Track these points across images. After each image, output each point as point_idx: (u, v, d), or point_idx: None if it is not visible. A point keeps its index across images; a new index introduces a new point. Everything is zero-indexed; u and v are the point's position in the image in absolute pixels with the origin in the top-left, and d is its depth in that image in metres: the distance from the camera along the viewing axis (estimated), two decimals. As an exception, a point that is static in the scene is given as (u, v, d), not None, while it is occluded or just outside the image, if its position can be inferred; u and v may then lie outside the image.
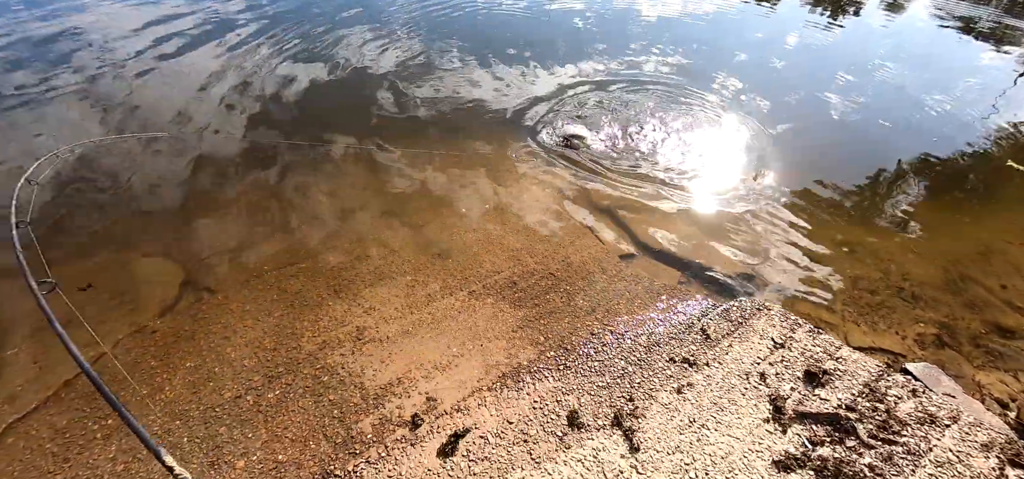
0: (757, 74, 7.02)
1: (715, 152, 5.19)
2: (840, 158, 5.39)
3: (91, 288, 3.54)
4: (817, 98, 6.51)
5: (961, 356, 3.47)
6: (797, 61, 7.62)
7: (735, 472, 2.49)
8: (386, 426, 2.73)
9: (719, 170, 4.94)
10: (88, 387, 2.90)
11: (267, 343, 3.16)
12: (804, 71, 7.28)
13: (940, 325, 3.66)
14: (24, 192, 2.87)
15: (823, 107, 6.31)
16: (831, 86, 6.81)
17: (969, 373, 3.34)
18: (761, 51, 7.84)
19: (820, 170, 5.08)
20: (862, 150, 5.57)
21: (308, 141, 5.00)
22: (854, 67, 7.45)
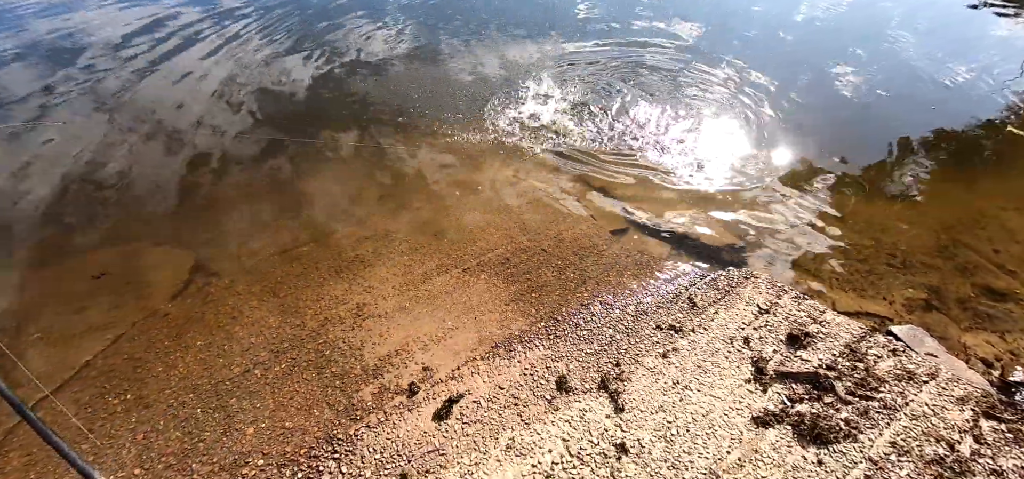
0: (762, 48, 7.01)
1: (712, 130, 5.27)
2: (842, 132, 5.41)
3: (105, 276, 3.76)
4: (823, 72, 6.49)
5: (948, 319, 3.56)
6: (805, 35, 7.54)
7: (715, 428, 2.64)
8: (385, 394, 2.91)
9: (714, 146, 5.02)
10: (108, 364, 3.12)
11: (272, 322, 3.36)
12: (812, 45, 7.23)
13: (929, 290, 3.74)
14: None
15: (828, 81, 6.30)
16: (839, 60, 6.76)
17: (955, 335, 3.44)
18: (768, 24, 7.80)
19: (821, 144, 5.13)
20: (865, 124, 5.58)
21: (306, 135, 5.18)
22: (865, 40, 7.34)
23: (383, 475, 2.53)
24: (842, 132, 5.39)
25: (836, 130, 5.42)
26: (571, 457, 2.54)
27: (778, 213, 4.25)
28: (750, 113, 5.54)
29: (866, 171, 4.84)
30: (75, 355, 3.20)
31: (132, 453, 2.70)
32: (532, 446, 2.60)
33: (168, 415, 2.86)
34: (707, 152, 4.91)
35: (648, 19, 7.84)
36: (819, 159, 4.93)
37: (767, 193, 4.46)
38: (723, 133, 5.18)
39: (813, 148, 5.06)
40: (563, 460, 2.53)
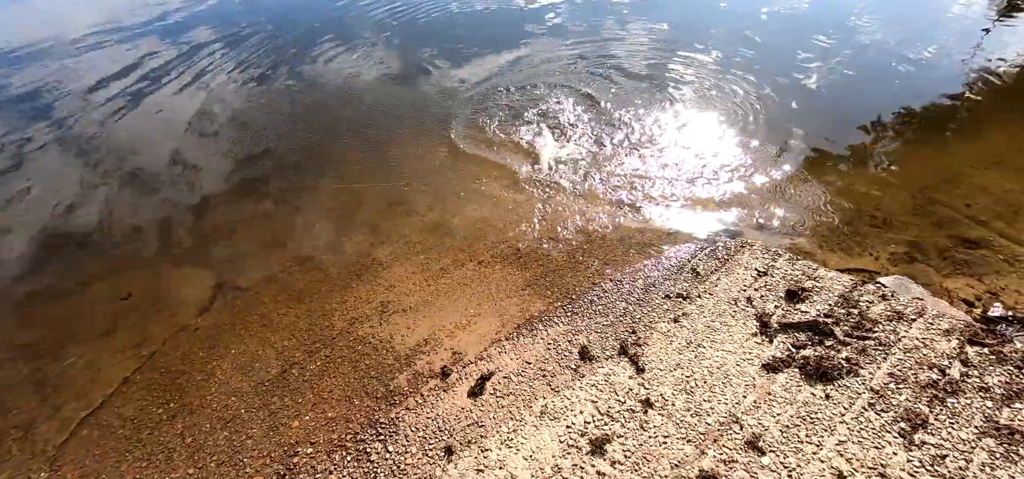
0: (733, 44, 7.41)
1: (693, 121, 5.59)
2: (817, 114, 5.75)
3: (131, 297, 3.91)
4: (795, 62, 6.84)
5: (930, 268, 3.87)
6: (775, 28, 7.93)
7: (730, 377, 2.89)
8: (419, 379, 3.11)
9: (698, 135, 5.34)
10: (146, 379, 3.27)
11: (301, 325, 3.54)
12: (783, 37, 7.60)
13: (909, 244, 4.06)
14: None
15: (802, 69, 6.65)
16: (807, 49, 7.14)
17: (937, 281, 3.75)
18: (735, 21, 8.22)
19: (799, 126, 5.46)
20: (837, 105, 5.93)
21: (312, 158, 5.39)
22: (832, 29, 7.69)
23: (428, 450, 2.72)
24: (816, 114, 5.75)
25: (810, 112, 5.77)
26: (602, 415, 2.77)
27: (768, 189, 4.55)
28: (744, 105, 5.89)
29: (841, 146, 5.19)
30: (113, 373, 3.34)
31: (182, 456, 2.85)
32: (564, 410, 2.82)
33: (213, 418, 3.02)
34: (698, 142, 5.22)
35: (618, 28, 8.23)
36: (796, 139, 5.27)
37: (753, 173, 4.77)
38: (716, 126, 5.50)
39: (790, 130, 5.40)
40: (595, 419, 2.75)
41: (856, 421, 2.61)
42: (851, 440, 2.53)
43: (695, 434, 2.63)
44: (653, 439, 2.62)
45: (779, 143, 5.14)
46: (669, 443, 2.60)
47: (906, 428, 2.56)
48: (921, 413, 2.62)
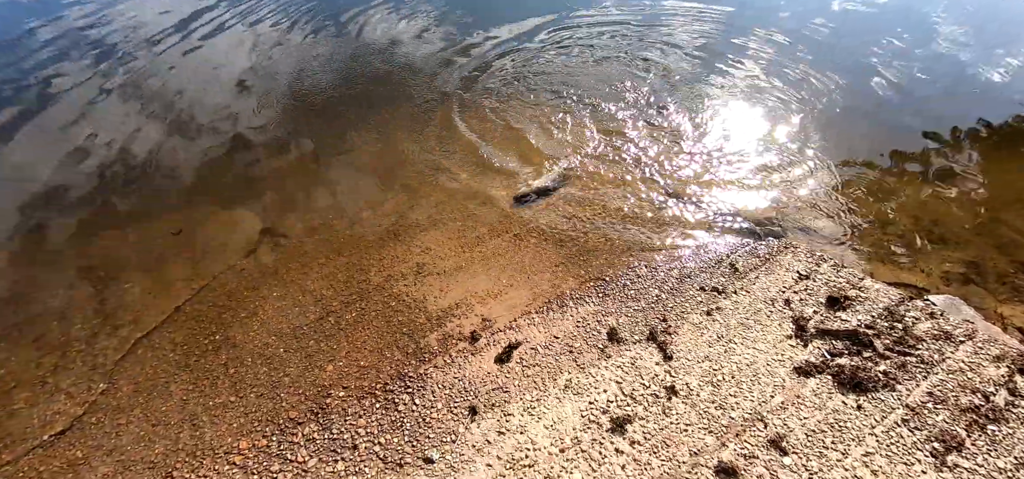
0: (797, 38, 7.09)
1: (746, 116, 5.44)
2: (884, 119, 5.43)
3: (181, 233, 4.17)
4: (866, 61, 6.46)
5: (986, 291, 3.72)
6: (844, 24, 7.51)
7: (759, 376, 2.89)
8: (449, 340, 3.24)
9: (750, 129, 5.20)
10: (194, 310, 3.52)
11: (340, 276, 3.71)
12: (851, 34, 7.19)
13: (967, 264, 3.90)
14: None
15: (872, 69, 6.24)
16: (882, 49, 6.71)
17: (992, 306, 3.60)
18: (802, 13, 7.82)
19: (860, 128, 5.18)
20: (904, 109, 5.59)
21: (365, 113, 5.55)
22: (909, 29, 7.18)
23: (453, 407, 2.85)
24: (881, 117, 5.48)
25: (874, 115, 5.52)
26: (625, 396, 2.83)
27: (821, 194, 4.42)
28: (804, 105, 5.69)
29: (904, 153, 4.95)
30: (166, 302, 3.60)
31: (225, 383, 3.08)
32: (588, 386, 2.89)
33: (254, 354, 3.24)
34: (751, 140, 5.09)
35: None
36: (854, 141, 5.05)
37: (811, 177, 4.63)
38: (771, 125, 5.32)
39: (849, 132, 5.19)
40: (617, 399, 2.82)
41: (887, 435, 2.59)
42: (879, 452, 2.52)
43: (718, 426, 2.66)
44: (674, 425, 2.67)
45: (835, 145, 4.96)
46: (690, 431, 2.64)
47: (939, 449, 2.53)
48: (958, 436, 2.57)
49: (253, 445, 2.75)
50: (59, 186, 4.67)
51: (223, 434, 2.82)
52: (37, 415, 2.99)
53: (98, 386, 3.12)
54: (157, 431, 2.87)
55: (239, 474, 2.63)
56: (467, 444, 2.67)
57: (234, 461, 2.69)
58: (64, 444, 2.85)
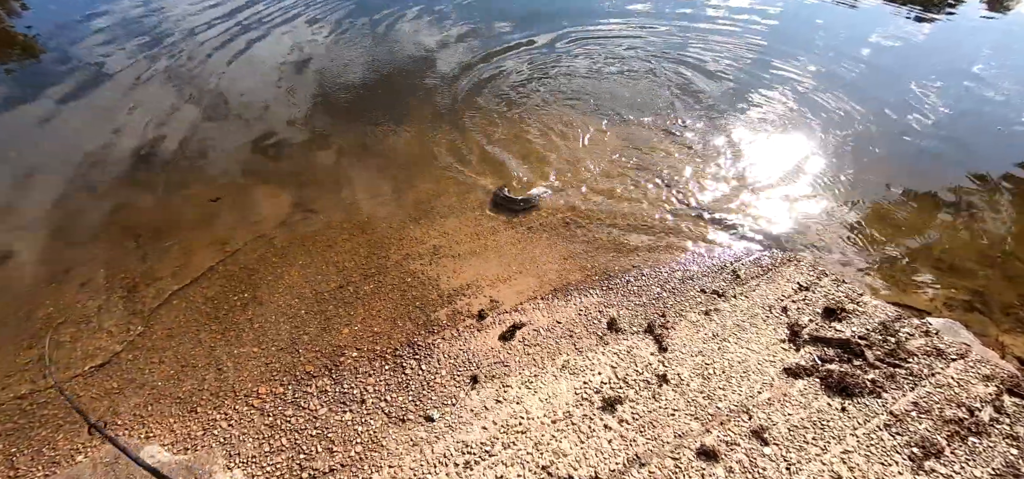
0: (827, 76, 7.16)
1: (771, 134, 5.58)
2: (910, 151, 5.36)
3: (219, 200, 4.52)
4: (898, 96, 6.38)
5: (989, 320, 3.78)
6: (878, 62, 7.43)
7: (749, 373, 3.05)
8: (457, 317, 3.47)
9: (772, 147, 5.33)
10: (226, 270, 3.83)
11: (361, 252, 3.99)
12: (885, 73, 7.09)
13: (972, 293, 3.97)
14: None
15: (902, 113, 6.10)
16: (915, 91, 6.59)
17: (993, 334, 3.67)
18: (835, 50, 7.80)
19: (885, 173, 5.00)
20: (939, 148, 5.39)
21: (394, 105, 5.88)
22: (946, 70, 7.09)
23: (456, 375, 3.07)
24: (909, 150, 5.49)
25: (903, 147, 5.53)
26: (618, 380, 3.01)
27: (832, 217, 4.52)
28: (811, 124, 5.81)
29: (925, 186, 4.97)
30: (201, 261, 3.93)
31: (250, 336, 3.36)
32: (584, 368, 3.09)
33: (277, 313, 3.52)
34: (762, 156, 5.24)
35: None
36: (889, 186, 4.93)
37: (817, 194, 4.75)
38: (795, 159, 5.43)
39: (885, 177, 5.14)
40: (611, 382, 3.00)
41: (867, 437, 2.71)
42: (858, 452, 2.64)
43: (704, 414, 2.82)
44: (662, 410, 2.84)
45: (852, 169, 5.06)
46: (677, 416, 2.81)
47: (918, 454, 2.64)
48: (937, 444, 2.68)
49: (271, 391, 3.02)
50: (111, 155, 5.09)
51: (244, 379, 3.10)
52: (81, 348, 3.32)
53: (136, 329, 3.44)
54: (185, 372, 3.16)
55: (256, 415, 2.89)
56: (466, 408, 2.89)
57: (253, 404, 2.95)
58: (103, 375, 3.16)
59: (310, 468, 2.62)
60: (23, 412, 2.97)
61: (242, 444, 2.75)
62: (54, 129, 5.48)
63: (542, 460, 2.61)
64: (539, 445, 2.68)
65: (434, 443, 2.71)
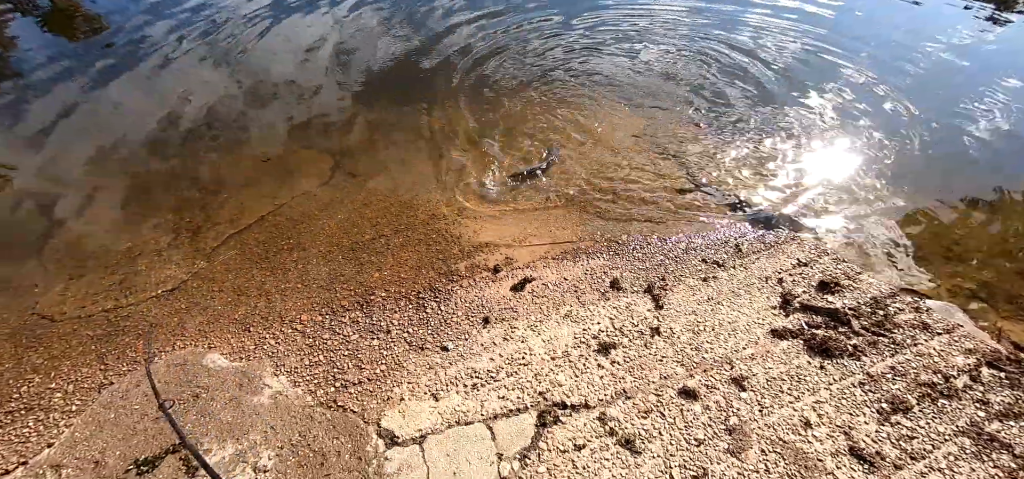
0: (878, 70, 7.18)
1: (798, 141, 5.76)
2: (945, 164, 5.34)
3: (269, 161, 5.11)
4: (948, 103, 6.29)
5: (992, 309, 3.92)
6: (940, 61, 7.28)
7: (737, 332, 3.37)
8: (475, 269, 3.92)
9: (799, 150, 5.53)
10: (275, 220, 4.40)
11: (393, 210, 4.49)
12: (945, 73, 6.98)
13: (979, 283, 4.10)
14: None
15: (952, 115, 6.02)
16: (975, 93, 6.38)
17: (992, 319, 3.82)
18: (897, 48, 7.66)
19: (914, 168, 5.14)
20: (974, 164, 5.35)
21: (430, 83, 6.38)
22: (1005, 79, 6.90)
23: (470, 316, 3.52)
24: (942, 149, 5.53)
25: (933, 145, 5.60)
26: (615, 329, 3.39)
27: (843, 200, 4.71)
28: (851, 121, 5.95)
29: (950, 186, 5.06)
30: (254, 211, 4.52)
31: (294, 274, 3.91)
32: (585, 318, 3.48)
33: (318, 257, 4.06)
34: (789, 147, 5.44)
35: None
36: (900, 167, 5.18)
37: (840, 185, 4.92)
38: (815, 134, 5.63)
39: (899, 158, 5.34)
40: (607, 330, 3.38)
41: (840, 391, 3.00)
42: (829, 403, 2.94)
43: (689, 362, 3.17)
44: (651, 356, 3.21)
45: (880, 164, 5.20)
46: (664, 362, 3.17)
47: (886, 408, 2.92)
48: (907, 401, 2.95)
49: (311, 319, 3.55)
50: (177, 122, 5.78)
51: (289, 308, 3.64)
52: (153, 276, 3.95)
53: (199, 263, 4.05)
54: (240, 299, 3.73)
55: (298, 336, 3.43)
56: (477, 342, 3.33)
57: (296, 327, 3.49)
58: (172, 298, 3.77)
59: (342, 379, 3.13)
60: (109, 322, 3.60)
61: (287, 358, 3.28)
62: (129, 98, 6.23)
63: (540, 387, 3.03)
64: (538, 376, 3.10)
65: (447, 368, 3.17)
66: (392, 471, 2.64)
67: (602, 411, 2.90)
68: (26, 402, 3.10)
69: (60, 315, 3.65)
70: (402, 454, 2.72)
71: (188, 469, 2.69)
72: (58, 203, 4.63)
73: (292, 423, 2.89)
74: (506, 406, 2.93)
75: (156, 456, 2.75)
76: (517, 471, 2.63)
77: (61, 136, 5.50)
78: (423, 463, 2.66)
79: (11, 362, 3.34)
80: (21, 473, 2.71)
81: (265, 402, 3.00)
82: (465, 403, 2.96)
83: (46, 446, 2.84)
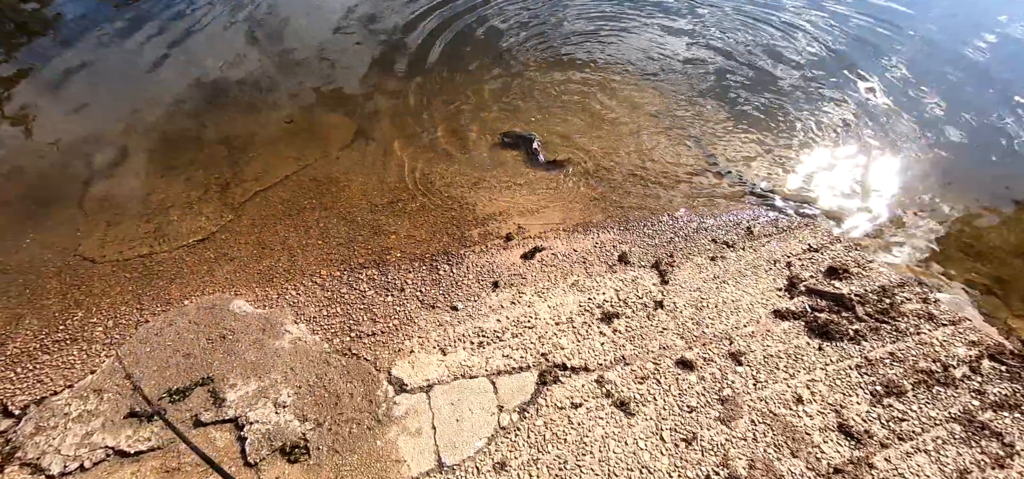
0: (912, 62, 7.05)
1: (820, 129, 5.75)
2: (969, 163, 5.34)
3: (293, 122, 5.36)
4: (994, 102, 6.31)
5: (1004, 305, 3.95)
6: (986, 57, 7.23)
7: (739, 310, 3.50)
8: (488, 237, 4.12)
9: (820, 138, 5.53)
10: (299, 179, 4.66)
11: (412, 176, 4.70)
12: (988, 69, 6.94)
13: (994, 279, 4.13)
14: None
15: (989, 114, 6.12)
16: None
17: (1003, 317, 3.86)
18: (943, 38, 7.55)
19: (938, 164, 5.14)
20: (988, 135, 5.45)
21: (451, 55, 6.53)
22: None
23: (480, 280, 3.73)
24: (973, 150, 5.48)
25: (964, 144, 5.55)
26: (619, 300, 3.56)
27: (865, 191, 4.74)
28: (880, 112, 5.90)
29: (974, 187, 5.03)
30: (279, 170, 4.78)
31: (315, 232, 4.17)
32: (591, 288, 3.66)
33: (339, 217, 4.31)
34: (811, 135, 5.45)
35: None
36: (925, 163, 5.14)
37: (861, 175, 4.94)
38: (838, 123, 5.62)
39: (924, 151, 5.30)
40: (612, 300, 3.56)
41: (836, 372, 3.13)
42: (823, 382, 3.08)
43: (689, 335, 3.33)
44: (653, 327, 3.38)
45: (905, 158, 5.19)
46: (665, 334, 3.34)
47: (879, 391, 3.04)
48: (902, 386, 3.06)
49: (330, 274, 3.81)
50: (206, 83, 6.07)
51: (310, 263, 3.91)
52: (185, 227, 4.26)
53: (227, 216, 4.34)
54: (264, 252, 4.01)
55: (317, 289, 3.69)
56: (486, 304, 3.55)
57: (315, 281, 3.76)
58: (202, 248, 4.07)
59: (357, 330, 3.39)
60: (145, 267, 3.93)
61: (306, 308, 3.56)
62: (162, 61, 6.54)
63: (542, 349, 3.24)
64: (542, 338, 3.30)
65: (456, 326, 3.40)
66: (400, 414, 2.89)
67: (600, 375, 3.09)
68: (71, 334, 3.44)
69: (100, 258, 3.99)
70: (410, 400, 2.97)
71: (215, 400, 2.98)
72: (96, 156, 4.97)
73: (310, 366, 3.16)
74: (509, 364, 3.15)
75: (186, 387, 3.05)
76: (516, 422, 2.85)
77: (97, 93, 5.85)
78: (429, 409, 2.91)
79: (57, 297, 3.69)
80: (68, 395, 3.05)
81: (286, 346, 3.27)
82: (471, 358, 3.18)
83: (90, 373, 3.17)
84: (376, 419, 2.88)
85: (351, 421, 2.86)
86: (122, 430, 2.84)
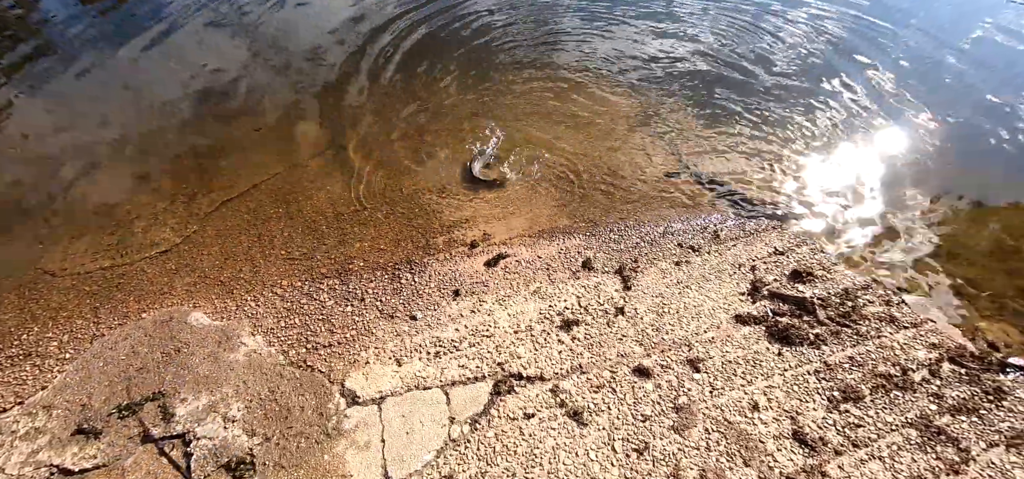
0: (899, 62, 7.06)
1: (799, 131, 5.73)
2: (954, 166, 5.34)
3: (261, 131, 5.34)
4: (976, 103, 6.34)
5: (973, 306, 3.94)
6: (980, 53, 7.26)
7: (701, 316, 3.48)
8: (452, 245, 4.09)
9: (798, 140, 5.51)
10: (268, 188, 4.63)
11: (379, 185, 4.67)
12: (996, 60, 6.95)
13: (964, 279, 4.11)
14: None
15: (984, 115, 6.12)
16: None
17: (971, 318, 3.84)
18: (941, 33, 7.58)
19: (916, 168, 5.16)
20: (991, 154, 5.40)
21: (430, 61, 6.51)
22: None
23: (441, 288, 3.70)
24: (957, 152, 5.47)
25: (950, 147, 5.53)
26: (580, 307, 3.53)
27: (836, 195, 4.72)
28: (863, 114, 5.89)
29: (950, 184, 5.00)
30: (248, 179, 4.75)
31: (279, 241, 4.14)
32: (552, 295, 3.63)
33: (304, 225, 4.28)
34: (788, 137, 5.43)
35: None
36: (902, 166, 5.12)
37: (834, 179, 4.92)
38: (817, 126, 5.60)
39: (903, 154, 5.28)
40: (573, 308, 3.53)
41: (794, 378, 3.11)
42: (780, 388, 3.05)
43: (648, 342, 3.31)
44: (612, 334, 3.35)
45: (883, 160, 5.17)
46: (624, 341, 3.31)
47: (837, 397, 3.01)
48: (859, 391, 3.04)
49: (291, 284, 3.78)
50: (178, 91, 6.04)
51: (272, 274, 3.88)
52: (149, 238, 4.23)
53: (192, 227, 4.30)
54: (227, 263, 3.98)
55: (278, 300, 3.66)
56: (445, 313, 3.52)
57: (276, 291, 3.72)
58: (164, 258, 4.04)
59: (313, 341, 3.36)
60: (105, 280, 3.90)
61: (265, 319, 3.52)
62: (135, 66, 6.52)
63: (499, 358, 3.21)
64: (499, 347, 3.27)
65: (414, 336, 3.37)
66: (350, 427, 2.86)
67: (556, 384, 3.06)
68: (25, 349, 3.40)
69: (61, 271, 3.96)
70: (361, 413, 2.94)
71: (165, 415, 2.95)
72: (64, 166, 4.94)
73: (263, 379, 3.12)
74: (464, 374, 3.12)
75: (136, 402, 3.01)
76: (466, 434, 2.82)
77: (71, 101, 5.82)
78: (379, 421, 2.88)
79: (14, 312, 3.66)
80: (17, 412, 3.01)
81: (240, 359, 3.24)
82: (426, 369, 3.15)
83: (40, 389, 3.13)
84: (325, 433, 2.84)
85: (300, 435, 2.83)
86: (68, 447, 2.81)
